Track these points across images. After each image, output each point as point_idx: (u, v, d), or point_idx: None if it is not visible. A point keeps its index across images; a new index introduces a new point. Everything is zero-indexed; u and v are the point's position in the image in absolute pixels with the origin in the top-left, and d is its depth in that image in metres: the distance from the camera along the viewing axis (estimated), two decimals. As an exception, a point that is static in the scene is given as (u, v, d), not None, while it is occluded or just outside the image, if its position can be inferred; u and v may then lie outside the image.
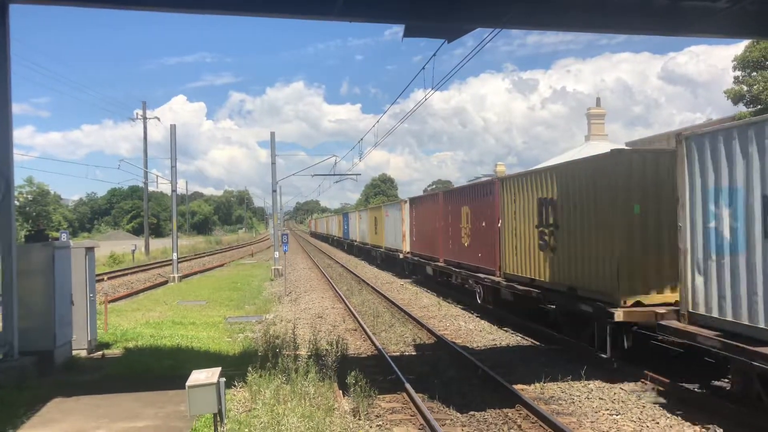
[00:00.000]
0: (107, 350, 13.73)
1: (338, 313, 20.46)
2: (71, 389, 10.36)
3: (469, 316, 19.24)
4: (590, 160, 13.40)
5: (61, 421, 8.86)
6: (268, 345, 12.37)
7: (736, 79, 27.94)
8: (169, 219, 45.75)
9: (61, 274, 12.16)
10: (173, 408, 9.25)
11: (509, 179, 17.22)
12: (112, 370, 11.84)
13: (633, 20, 10.50)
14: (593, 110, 46.85)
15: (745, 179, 8.41)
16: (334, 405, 9.07)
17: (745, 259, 8.43)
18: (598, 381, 11.19)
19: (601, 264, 12.15)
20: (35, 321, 11.62)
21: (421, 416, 9.32)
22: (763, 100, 26.06)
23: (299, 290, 27.35)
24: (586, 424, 9.05)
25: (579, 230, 13.11)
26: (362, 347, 14.89)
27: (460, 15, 9.99)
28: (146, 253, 52.14)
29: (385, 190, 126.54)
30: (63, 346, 12.20)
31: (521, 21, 10.01)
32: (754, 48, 26.88)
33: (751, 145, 8.30)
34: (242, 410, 9.06)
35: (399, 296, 24.24)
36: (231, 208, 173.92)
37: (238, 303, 22.57)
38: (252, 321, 18.21)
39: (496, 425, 9.14)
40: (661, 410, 9.57)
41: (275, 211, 41.69)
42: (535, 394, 10.54)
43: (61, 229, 66.11)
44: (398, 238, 32.31)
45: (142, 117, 51.02)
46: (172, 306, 21.64)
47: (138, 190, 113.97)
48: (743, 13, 10.40)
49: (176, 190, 35.10)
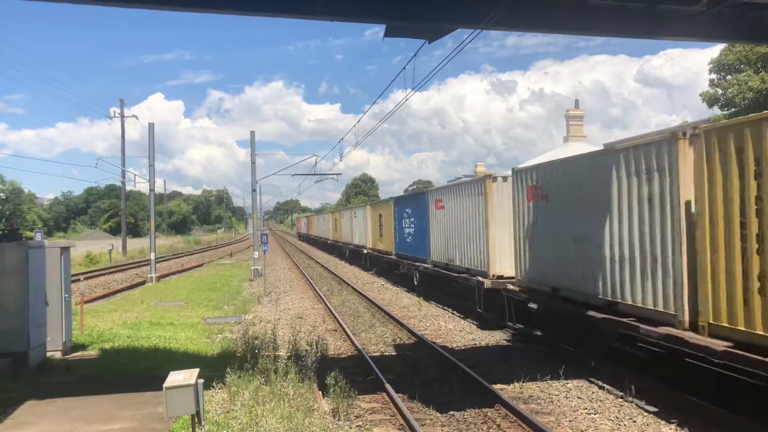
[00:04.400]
0: (83, 351, 13.53)
1: (318, 313, 20.40)
2: (45, 391, 10.18)
3: (449, 316, 19.30)
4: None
5: (34, 423, 8.70)
6: (247, 346, 12.28)
7: (712, 83, 28.42)
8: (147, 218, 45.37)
9: (35, 275, 11.95)
10: (151, 409, 9.14)
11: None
12: (87, 371, 11.66)
13: (611, 23, 10.59)
14: (572, 112, 47.26)
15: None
16: (313, 406, 9.03)
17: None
18: (577, 380, 11.29)
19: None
20: (8, 322, 11.39)
21: (401, 416, 9.31)
22: (737, 103, 26.52)
23: (279, 290, 27.21)
24: (565, 423, 9.12)
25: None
26: (342, 347, 14.85)
27: (441, 15, 10.00)
28: (124, 253, 51.53)
29: (365, 190, 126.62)
30: (37, 347, 11.98)
31: (502, 22, 10.03)
32: (729, 52, 27.37)
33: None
34: (221, 411, 8.98)
35: (379, 296, 24.24)
36: (210, 208, 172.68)
37: (216, 303, 22.38)
38: (231, 322, 18.07)
39: (476, 425, 9.17)
40: (638, 409, 9.67)
41: (255, 211, 41.37)
42: (515, 394, 10.60)
43: (36, 228, 65.02)
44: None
45: (120, 115, 50.43)
46: (149, 306, 21.40)
47: (115, 189, 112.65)
48: (720, 17, 10.54)
49: (154, 189, 34.72)
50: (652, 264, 9.86)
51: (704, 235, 8.69)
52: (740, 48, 26.51)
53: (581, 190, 11.99)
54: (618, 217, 10.75)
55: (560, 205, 12.83)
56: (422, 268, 23.27)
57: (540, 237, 13.75)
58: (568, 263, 12.47)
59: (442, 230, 21.30)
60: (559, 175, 13.00)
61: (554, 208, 13.10)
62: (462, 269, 19.11)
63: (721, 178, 8.43)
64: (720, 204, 8.44)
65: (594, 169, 11.57)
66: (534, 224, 14.04)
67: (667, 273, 9.51)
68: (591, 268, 11.58)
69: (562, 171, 12.89)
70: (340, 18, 10.01)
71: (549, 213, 13.34)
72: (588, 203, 11.71)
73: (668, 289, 9.49)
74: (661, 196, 9.66)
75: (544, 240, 13.54)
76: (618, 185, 10.72)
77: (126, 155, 50.05)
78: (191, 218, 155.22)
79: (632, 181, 10.34)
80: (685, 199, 9.21)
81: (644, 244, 10.04)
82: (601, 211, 11.22)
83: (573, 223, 12.27)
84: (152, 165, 34.01)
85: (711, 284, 8.57)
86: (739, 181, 8.11)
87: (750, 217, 7.93)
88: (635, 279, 10.33)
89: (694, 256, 9.04)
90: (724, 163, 8.38)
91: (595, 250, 11.42)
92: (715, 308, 8.52)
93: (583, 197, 11.89)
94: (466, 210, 18.89)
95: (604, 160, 11.21)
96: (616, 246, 10.82)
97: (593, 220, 11.49)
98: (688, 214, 9.19)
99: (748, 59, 26.87)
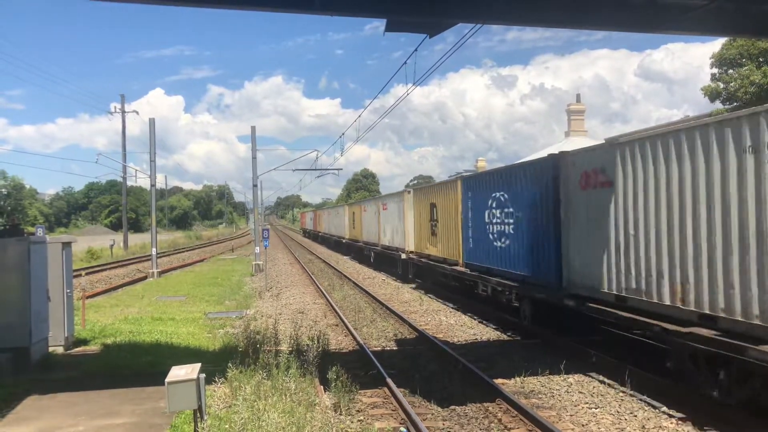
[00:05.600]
0: (85, 346, 13.56)
1: (319, 308, 20.42)
2: (47, 386, 10.21)
3: (450, 311, 19.32)
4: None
5: (37, 418, 8.73)
6: (249, 340, 12.30)
7: (713, 77, 28.30)
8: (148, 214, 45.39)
9: (37, 270, 11.97)
10: (152, 404, 9.17)
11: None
12: (89, 366, 11.69)
13: (612, 17, 10.57)
14: (573, 106, 47.20)
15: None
16: (315, 400, 9.05)
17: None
18: (578, 375, 11.31)
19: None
20: (10, 317, 11.42)
21: (402, 411, 9.33)
22: (740, 98, 26.44)
23: (280, 285, 27.24)
24: (566, 418, 9.14)
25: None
26: (344, 342, 14.88)
27: (441, 10, 9.97)
28: (125, 249, 51.56)
29: (366, 185, 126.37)
30: (39, 342, 12.02)
31: (503, 16, 10.02)
32: (731, 46, 27.24)
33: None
34: (222, 406, 9.01)
35: (380, 291, 24.26)
36: (211, 203, 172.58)
37: (218, 298, 22.41)
38: (232, 316, 18.10)
39: (477, 419, 9.19)
40: (639, 403, 9.69)
41: (256, 206, 41.35)
42: (516, 388, 10.62)
43: (37, 223, 65.08)
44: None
45: (121, 110, 50.37)
46: (151, 302, 21.43)
47: (116, 185, 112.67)
48: (720, 11, 10.50)
49: (155, 185, 34.69)
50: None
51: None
52: (742, 42, 26.41)
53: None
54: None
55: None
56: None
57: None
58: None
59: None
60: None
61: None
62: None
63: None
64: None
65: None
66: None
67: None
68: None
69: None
70: (341, 13, 9.97)
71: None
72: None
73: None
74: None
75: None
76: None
77: (126, 151, 50.03)
78: (192, 213, 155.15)
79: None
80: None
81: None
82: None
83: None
84: (153, 160, 33.99)
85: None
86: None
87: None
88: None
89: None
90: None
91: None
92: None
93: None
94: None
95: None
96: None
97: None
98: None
99: (749, 54, 26.78)
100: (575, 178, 12.51)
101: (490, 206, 17.24)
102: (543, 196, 13.96)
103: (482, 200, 17.80)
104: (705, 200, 9.01)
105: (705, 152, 9.02)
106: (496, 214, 16.79)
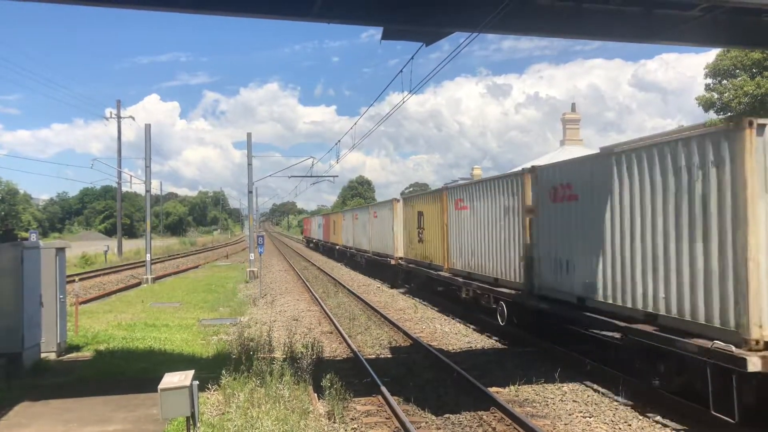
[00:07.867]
0: (78, 353, 13.48)
1: (314, 315, 20.37)
2: (40, 392, 10.14)
3: (445, 318, 19.30)
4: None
5: (28, 425, 8.67)
6: (243, 348, 12.26)
7: (707, 87, 28.51)
8: (143, 220, 45.19)
9: (30, 275, 11.91)
10: (145, 411, 9.11)
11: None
12: (82, 372, 11.62)
13: (607, 27, 10.64)
14: (568, 115, 47.38)
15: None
16: (308, 408, 9.02)
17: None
18: (572, 383, 11.29)
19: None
20: (2, 322, 11.34)
21: (396, 419, 9.30)
22: (733, 108, 26.63)
23: (274, 292, 27.17)
24: (560, 427, 9.13)
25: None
26: (338, 350, 14.84)
27: (438, 19, 10.02)
28: (119, 254, 51.34)
29: (362, 192, 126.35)
30: (31, 348, 11.94)
31: (498, 26, 10.07)
32: (725, 56, 27.47)
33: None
34: (216, 413, 8.96)
35: (375, 298, 24.22)
36: (206, 209, 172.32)
37: (212, 305, 22.33)
38: (226, 323, 18.03)
39: (471, 428, 9.17)
40: (633, 412, 9.69)
41: (251, 213, 41.29)
42: (510, 397, 10.60)
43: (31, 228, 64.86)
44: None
45: (117, 116, 50.30)
46: (145, 308, 21.34)
47: (111, 191, 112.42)
48: (715, 23, 10.60)
49: (150, 191, 34.63)
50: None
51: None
52: (736, 53, 26.63)
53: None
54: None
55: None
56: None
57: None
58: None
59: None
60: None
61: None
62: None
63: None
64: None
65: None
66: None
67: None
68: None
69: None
70: (338, 21, 10.01)
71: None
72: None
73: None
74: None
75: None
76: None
77: (122, 156, 49.84)
78: (187, 220, 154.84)
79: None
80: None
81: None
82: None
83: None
84: (148, 166, 33.95)
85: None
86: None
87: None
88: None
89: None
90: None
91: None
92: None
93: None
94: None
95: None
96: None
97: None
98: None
99: (743, 64, 27.01)
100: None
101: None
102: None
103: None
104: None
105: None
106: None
